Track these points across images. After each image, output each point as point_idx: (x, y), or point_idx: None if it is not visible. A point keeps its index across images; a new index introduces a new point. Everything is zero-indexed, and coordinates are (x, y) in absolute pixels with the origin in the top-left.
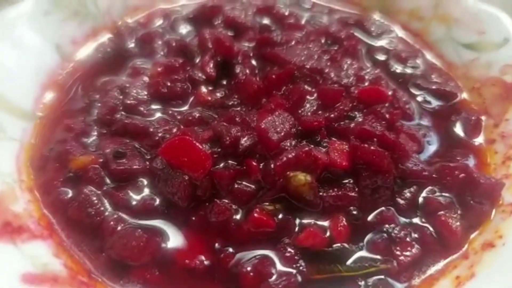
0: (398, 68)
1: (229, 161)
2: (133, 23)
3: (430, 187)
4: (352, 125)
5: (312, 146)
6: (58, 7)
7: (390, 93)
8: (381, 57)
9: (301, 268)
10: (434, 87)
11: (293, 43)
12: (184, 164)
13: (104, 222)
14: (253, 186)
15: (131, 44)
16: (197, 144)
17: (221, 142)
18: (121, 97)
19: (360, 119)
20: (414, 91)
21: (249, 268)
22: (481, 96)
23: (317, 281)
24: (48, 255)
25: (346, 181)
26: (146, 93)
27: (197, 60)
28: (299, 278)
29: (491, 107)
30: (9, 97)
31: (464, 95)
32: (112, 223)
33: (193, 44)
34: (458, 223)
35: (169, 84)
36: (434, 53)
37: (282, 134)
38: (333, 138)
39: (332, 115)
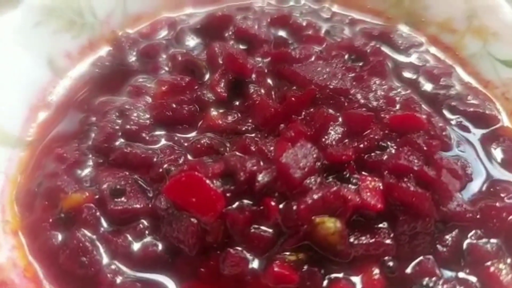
0: (430, 88)
1: (244, 201)
2: (134, 34)
3: (474, 231)
4: (385, 157)
5: (340, 183)
6: (51, 17)
7: (425, 118)
8: (411, 74)
9: None
10: (471, 109)
11: (313, 58)
12: (192, 206)
13: (100, 274)
14: (272, 231)
15: (132, 58)
16: (207, 181)
17: (234, 178)
18: (120, 121)
19: (393, 150)
20: (449, 114)
21: None
22: None
23: None
24: None
25: (380, 225)
26: (148, 116)
27: (206, 78)
28: None
29: None
30: None
31: (505, 119)
32: (109, 275)
33: (202, 59)
34: (509, 276)
35: (174, 106)
36: (468, 70)
37: (306, 170)
38: (364, 173)
39: (361, 145)
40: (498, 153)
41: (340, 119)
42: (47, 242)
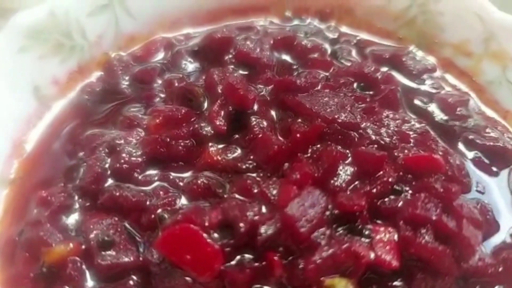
0: (445, 118)
1: (245, 255)
2: (127, 57)
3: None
4: (400, 203)
5: (351, 236)
6: (36, 41)
7: (442, 158)
8: (424, 103)
9: None
10: (490, 143)
11: (319, 86)
12: (186, 263)
13: None
14: None
15: (125, 83)
16: (204, 236)
17: (234, 229)
18: (109, 159)
19: (409, 195)
20: (466, 149)
21: None
22: None
23: None
24: None
25: (395, 283)
26: (141, 152)
27: (204, 107)
28: None
29: None
30: None
31: None
32: None
33: (199, 85)
34: None
35: (169, 141)
36: (486, 98)
37: (314, 222)
38: (377, 221)
39: (374, 190)
40: None
41: (350, 158)
42: None
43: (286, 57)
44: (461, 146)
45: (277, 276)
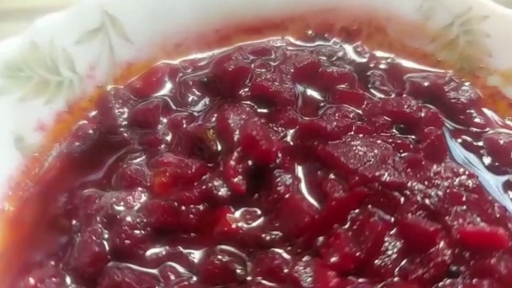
0: (496, 165)
1: None
2: (125, 90)
3: None
4: None
5: None
6: (16, 81)
7: (503, 230)
8: (471, 147)
9: None
10: None
11: (352, 132)
12: None
13: None
14: None
15: (123, 124)
16: None
17: None
18: (108, 232)
19: (467, 279)
20: None
21: None
22: None
23: None
24: None
25: None
26: (145, 222)
27: (217, 154)
28: None
29: None
30: None
31: None
32: None
33: (210, 129)
34: None
35: (178, 206)
36: None
37: None
38: None
39: (426, 275)
40: None
41: (394, 229)
42: None
43: (310, 89)
44: None
45: None
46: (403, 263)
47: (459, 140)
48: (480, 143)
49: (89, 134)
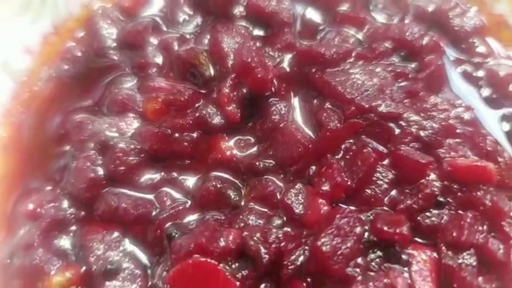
0: (494, 97)
1: (267, 284)
2: (113, 9)
3: None
4: (443, 220)
5: (388, 265)
6: None
7: (492, 166)
8: (471, 77)
9: None
10: None
11: (352, 59)
12: None
13: None
14: None
15: (112, 46)
16: (223, 271)
17: (255, 260)
18: (102, 158)
19: (453, 211)
20: None
21: None
22: None
23: None
24: None
25: None
26: (139, 149)
27: (210, 73)
28: None
29: None
30: None
31: None
32: None
33: (203, 52)
34: None
35: (171, 135)
36: None
37: (348, 256)
38: (416, 238)
39: (415, 206)
40: None
41: (387, 160)
42: None
43: (309, 10)
44: None
45: None
46: (392, 193)
47: (459, 70)
48: (480, 74)
49: (78, 57)
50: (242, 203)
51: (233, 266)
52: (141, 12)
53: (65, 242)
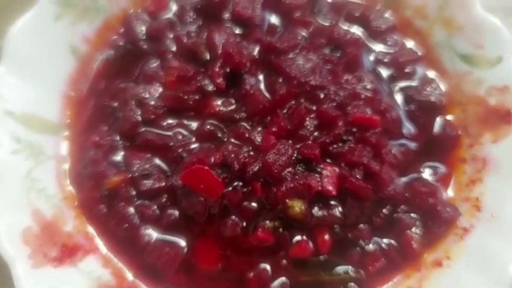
0: (394, 76)
1: (238, 183)
2: (142, 12)
3: (402, 207)
4: (345, 148)
5: (307, 173)
6: (68, 9)
7: (380, 116)
8: (380, 61)
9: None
10: (424, 99)
11: (298, 50)
12: (200, 190)
13: (137, 236)
14: (257, 206)
15: (142, 38)
16: (212, 173)
17: (231, 168)
18: (139, 110)
19: (352, 144)
20: (405, 103)
21: (251, 274)
22: (464, 112)
23: (305, 283)
24: (99, 268)
25: (333, 202)
26: (162, 105)
27: (207, 58)
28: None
29: (470, 127)
30: (40, 115)
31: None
32: (145, 237)
33: (202, 43)
34: (418, 242)
35: (183, 96)
36: (430, 57)
37: (284, 165)
38: (328, 160)
39: (327, 140)
40: (437, 136)
41: (314, 114)
42: (98, 213)
43: (273, 16)
44: (401, 100)
45: (258, 197)
46: (315, 134)
47: (372, 58)
48: (386, 60)
49: (120, 46)
50: (225, 139)
51: (219, 171)
52: (161, 15)
53: (117, 160)
